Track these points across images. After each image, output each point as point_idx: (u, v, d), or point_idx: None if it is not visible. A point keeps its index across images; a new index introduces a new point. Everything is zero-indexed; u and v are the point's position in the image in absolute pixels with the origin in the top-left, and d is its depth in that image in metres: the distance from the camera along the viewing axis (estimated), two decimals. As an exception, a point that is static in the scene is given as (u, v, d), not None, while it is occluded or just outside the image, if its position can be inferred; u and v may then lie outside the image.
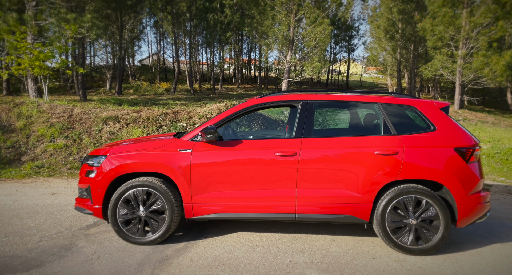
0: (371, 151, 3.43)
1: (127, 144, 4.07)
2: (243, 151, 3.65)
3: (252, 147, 3.67)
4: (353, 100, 3.71)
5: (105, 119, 9.51)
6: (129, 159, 3.73)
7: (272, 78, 38.14)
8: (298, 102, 3.79)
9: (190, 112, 9.43)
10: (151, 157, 3.71)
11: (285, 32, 15.47)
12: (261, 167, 3.61)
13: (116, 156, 3.77)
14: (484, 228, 4.25)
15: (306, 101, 3.76)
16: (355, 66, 56.95)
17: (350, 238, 3.89)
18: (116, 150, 3.85)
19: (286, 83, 16.16)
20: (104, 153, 3.86)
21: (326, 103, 3.78)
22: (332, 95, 3.81)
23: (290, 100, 3.83)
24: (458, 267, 3.18)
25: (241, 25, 29.20)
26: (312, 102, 3.75)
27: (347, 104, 3.75)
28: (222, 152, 3.68)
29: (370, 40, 31.48)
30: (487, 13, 16.23)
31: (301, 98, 3.79)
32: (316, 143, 3.56)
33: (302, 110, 3.74)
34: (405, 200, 3.38)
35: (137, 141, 4.16)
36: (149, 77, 35.98)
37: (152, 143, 3.89)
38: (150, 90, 27.53)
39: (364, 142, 3.48)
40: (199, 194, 3.70)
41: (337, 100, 3.74)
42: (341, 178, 3.47)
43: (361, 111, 3.74)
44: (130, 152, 3.79)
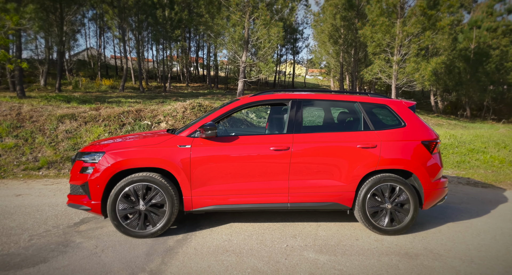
0: (354, 145, 3.94)
1: (121, 141, 4.11)
2: (240, 146, 3.94)
3: (248, 143, 3.96)
4: (337, 99, 4.20)
5: (60, 117, 9.01)
6: (128, 155, 3.80)
7: (222, 78, 38.24)
8: (288, 101, 4.17)
9: (154, 110, 9.33)
10: (151, 152, 3.83)
11: (241, 32, 15.83)
12: (257, 161, 3.92)
13: (115, 152, 3.81)
14: (438, 211, 5.04)
15: (296, 99, 4.16)
16: (299, 68, 59.34)
17: (332, 224, 4.38)
18: (114, 147, 3.88)
19: (242, 82, 16.51)
20: (100, 150, 3.87)
21: (313, 101, 4.22)
22: (318, 94, 4.26)
23: (281, 98, 4.20)
24: (426, 242, 3.83)
25: (189, 22, 28.90)
26: (301, 101, 4.16)
27: (331, 102, 4.23)
28: (220, 147, 3.92)
29: (314, 44, 33.18)
30: (416, 24, 18.22)
31: (291, 97, 4.18)
32: (306, 138, 3.98)
33: (292, 108, 4.13)
34: (382, 187, 3.95)
35: (130, 138, 4.21)
36: (88, 73, 33.88)
37: (149, 139, 3.99)
38: (92, 87, 26.01)
39: (348, 137, 3.98)
40: (198, 187, 3.90)
41: (323, 99, 4.20)
42: (328, 169, 3.93)
43: (342, 109, 4.25)
44: (128, 148, 3.85)
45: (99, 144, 4.08)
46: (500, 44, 27.45)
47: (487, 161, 8.23)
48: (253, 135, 4.15)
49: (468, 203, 5.47)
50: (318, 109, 4.35)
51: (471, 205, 5.37)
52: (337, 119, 4.28)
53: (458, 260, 3.40)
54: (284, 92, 4.39)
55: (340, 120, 4.24)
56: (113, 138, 4.50)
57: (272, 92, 4.33)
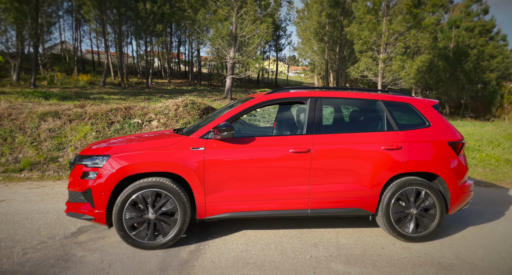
0: (378, 146, 3.72)
1: (125, 143, 3.72)
2: (257, 148, 3.64)
3: (265, 144, 3.67)
4: (358, 97, 3.96)
5: (42, 115, 8.39)
6: (137, 158, 3.43)
7: (204, 74, 37.59)
8: (307, 99, 3.91)
9: (144, 107, 8.86)
10: (162, 156, 3.47)
11: (229, 28, 15.42)
12: (275, 164, 3.64)
13: (122, 156, 3.43)
14: (453, 214, 4.92)
15: (315, 97, 3.90)
16: (281, 65, 59.29)
17: (351, 230, 4.16)
18: (120, 150, 3.50)
19: (230, 79, 16.10)
20: (104, 153, 3.48)
21: (333, 99, 3.96)
22: (338, 92, 4.01)
23: (299, 96, 3.93)
24: (455, 250, 3.65)
25: (171, 17, 28.12)
26: (320, 99, 3.90)
27: (352, 101, 3.99)
28: (236, 150, 3.62)
29: (297, 41, 33.13)
30: (402, 22, 18.38)
31: (310, 95, 3.92)
32: (327, 139, 3.73)
33: (311, 106, 3.86)
34: (407, 191, 3.75)
35: (135, 140, 3.83)
36: (64, 68, 32.46)
37: (158, 141, 3.63)
38: (69, 83, 24.90)
39: (371, 138, 3.76)
40: (213, 193, 3.58)
41: (344, 97, 3.96)
42: (351, 173, 3.70)
43: (364, 108, 4.02)
44: (136, 151, 3.48)
45: (102, 146, 3.68)
46: (477, 43, 28.29)
47: (484, 159, 8.29)
48: (270, 136, 3.87)
49: (478, 204, 5.40)
50: (338, 107, 4.10)
51: (482, 206, 5.30)
52: (358, 119, 4.05)
53: (496, 271, 3.24)
54: (302, 89, 4.12)
55: (362, 120, 4.02)
56: (114, 139, 4.09)
57: (288, 90, 4.05)
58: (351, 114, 4.14)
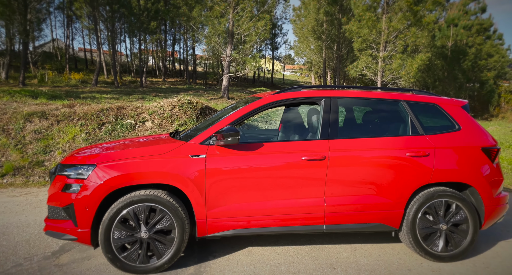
0: (403, 153, 3.28)
1: (114, 149, 3.24)
2: (265, 156, 3.18)
3: (275, 151, 3.21)
4: (378, 97, 3.51)
5: (28, 116, 7.84)
6: (128, 168, 2.95)
7: (200, 73, 37.01)
8: (321, 99, 3.45)
9: (137, 107, 8.34)
10: (156, 165, 3.00)
11: (225, 24, 14.91)
12: (286, 173, 3.19)
13: (110, 165, 2.95)
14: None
15: (330, 97, 3.44)
16: (277, 64, 58.83)
17: (369, 247, 3.71)
18: (107, 158, 3.01)
19: (227, 78, 15.60)
20: (90, 162, 2.99)
21: (350, 99, 3.51)
22: (356, 91, 3.56)
23: (312, 96, 3.47)
24: (493, 272, 3.17)
25: (166, 14, 27.51)
26: (336, 99, 3.45)
27: (371, 101, 3.54)
28: (241, 157, 3.15)
29: (294, 39, 32.72)
30: (402, 19, 18.01)
31: (324, 94, 3.46)
32: (344, 145, 3.27)
33: (325, 107, 3.41)
34: (435, 204, 3.31)
35: (127, 146, 3.35)
36: (55, 66, 31.69)
37: (152, 148, 3.15)
38: (60, 81, 24.21)
39: (395, 143, 3.31)
40: (216, 207, 3.12)
41: (361, 97, 3.51)
42: (373, 183, 3.25)
43: (385, 109, 3.57)
44: (127, 159, 3.00)
45: (87, 154, 3.19)
46: (475, 42, 28.09)
47: (495, 162, 7.89)
48: (279, 141, 3.41)
49: (500, 212, 4.97)
50: (356, 108, 3.64)
51: (507, 215, 4.88)
52: (378, 121, 3.60)
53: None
54: (314, 88, 3.67)
55: (383, 123, 3.57)
56: (102, 145, 3.60)
57: (299, 89, 3.58)
58: (370, 116, 3.68)
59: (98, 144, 3.67)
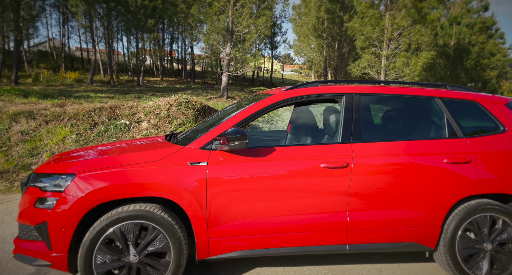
0: (439, 159, 2.78)
1: (98, 155, 2.73)
2: (277, 163, 2.68)
3: (288, 157, 2.71)
4: (409, 93, 3.02)
5: (14, 116, 7.32)
6: (114, 179, 2.44)
7: (198, 72, 36.48)
8: (341, 96, 2.95)
9: (132, 107, 7.83)
10: (148, 174, 2.49)
11: (225, 21, 14.40)
12: (302, 183, 2.69)
13: (92, 174, 2.44)
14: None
15: (352, 94, 2.95)
16: (275, 63, 58.34)
17: (396, 267, 3.20)
18: (90, 166, 2.51)
19: (226, 76, 15.08)
20: (68, 171, 2.49)
21: (376, 96, 3.01)
22: (382, 87, 3.06)
23: (331, 93, 2.97)
24: None
25: (163, 12, 26.98)
26: (359, 96, 2.96)
27: (400, 98, 3.04)
28: (250, 165, 2.65)
29: (294, 38, 32.23)
30: (407, 16, 17.56)
31: (346, 91, 2.96)
32: (370, 150, 2.78)
33: (347, 105, 2.91)
34: (478, 220, 2.81)
35: (114, 151, 2.84)
36: (51, 65, 31.11)
37: (144, 153, 2.64)
38: (56, 80, 23.67)
39: (429, 147, 2.82)
40: (219, 224, 2.62)
41: (389, 93, 3.01)
42: (404, 195, 2.76)
43: (416, 107, 3.07)
44: (113, 167, 2.49)
45: (66, 161, 2.68)
46: (478, 41, 27.66)
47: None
48: (293, 145, 2.90)
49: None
50: (381, 106, 3.14)
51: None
52: (409, 122, 3.10)
53: None
54: (334, 84, 3.18)
55: (414, 123, 3.07)
56: (86, 149, 3.09)
57: (317, 84, 3.08)
58: (399, 116, 3.18)
59: (81, 148, 3.16)
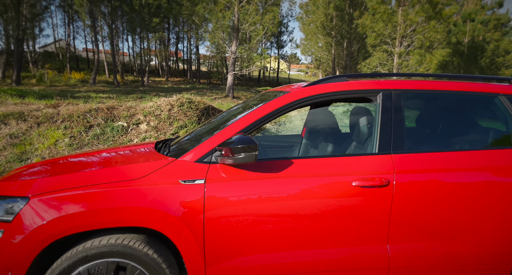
0: (509, 175, 2.13)
1: (64, 171, 2.13)
2: (297, 181, 2.05)
3: (311, 173, 2.08)
4: (464, 89, 2.36)
5: (4, 117, 6.80)
6: (82, 202, 1.84)
7: (203, 72, 36.02)
8: (377, 93, 2.31)
9: (131, 107, 7.26)
10: (127, 196, 1.89)
11: (230, 18, 13.82)
12: (329, 207, 2.06)
13: (52, 197, 1.84)
14: None
15: (391, 91, 2.30)
16: (281, 63, 57.71)
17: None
18: (50, 185, 1.91)
19: (232, 76, 14.49)
20: (21, 193, 1.89)
21: (420, 94, 2.36)
22: (427, 82, 2.40)
23: (364, 89, 2.33)
24: None
25: (169, 12, 26.52)
26: (400, 93, 2.31)
27: (453, 96, 2.38)
28: (261, 183, 2.03)
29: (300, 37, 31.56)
30: (421, 12, 16.81)
31: (382, 86, 2.32)
32: (418, 163, 2.13)
33: (385, 105, 2.27)
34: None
35: (85, 165, 2.24)
36: (56, 66, 30.88)
37: (122, 169, 2.03)
38: (60, 81, 23.38)
39: (494, 159, 2.16)
40: (221, 261, 2.00)
41: (438, 90, 2.35)
42: (464, 223, 2.10)
43: (474, 107, 2.42)
44: (81, 187, 1.89)
45: (23, 178, 2.08)
46: (492, 38, 26.71)
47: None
48: (315, 157, 2.26)
49: None
50: (427, 106, 2.48)
51: None
52: (465, 126, 2.45)
53: None
54: (366, 78, 2.54)
55: (472, 128, 2.42)
56: (52, 162, 2.49)
57: (345, 79, 2.43)
58: (449, 119, 2.51)
59: (48, 160, 2.54)
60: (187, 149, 2.18)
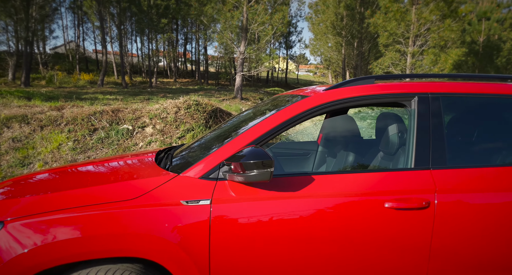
0: None
1: (46, 189, 1.85)
2: (319, 201, 1.74)
3: (335, 192, 1.76)
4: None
5: (6, 120, 6.61)
6: (63, 229, 1.55)
7: (212, 73, 35.88)
8: (411, 97, 1.97)
9: (136, 110, 7.01)
10: (119, 221, 1.60)
11: (239, 17, 13.55)
12: (356, 234, 1.74)
13: (31, 222, 1.56)
14: None
15: (428, 95, 1.97)
16: (291, 64, 57.36)
17: None
18: (29, 206, 1.63)
19: (240, 77, 14.21)
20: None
21: (465, 99, 2.02)
22: (473, 84, 2.06)
23: (396, 93, 2.00)
24: None
25: (177, 13, 26.41)
26: (439, 97, 1.97)
27: (499, 100, 2.03)
28: (277, 205, 1.72)
29: (310, 37, 31.20)
30: (435, 10, 16.31)
31: (418, 90, 1.99)
32: (465, 180, 1.79)
33: (422, 112, 1.93)
34: None
35: (74, 180, 1.95)
36: (66, 67, 31.03)
37: (114, 187, 1.74)
38: (69, 82, 23.41)
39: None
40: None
41: (483, 93, 2.01)
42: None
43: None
44: (64, 211, 1.60)
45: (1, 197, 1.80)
46: (509, 37, 25.94)
47: None
48: (337, 173, 1.92)
49: None
50: (467, 112, 2.13)
51: None
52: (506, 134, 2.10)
53: None
54: (397, 79, 2.21)
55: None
56: (35, 177, 2.21)
57: (372, 81, 2.09)
58: (501, 128, 2.15)
59: (26, 175, 2.24)
60: (190, 162, 1.88)
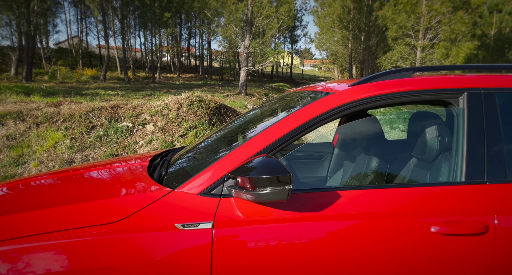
0: None
1: (13, 203, 1.51)
2: (347, 224, 1.39)
3: (366, 212, 1.41)
4: None
5: (0, 117, 6.32)
6: (33, 260, 1.22)
7: (216, 68, 35.48)
8: (459, 93, 1.61)
9: (136, 106, 6.69)
10: (97, 251, 1.26)
11: (243, 11, 13.13)
12: (395, 263, 1.39)
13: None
14: None
15: (480, 90, 1.60)
16: (296, 59, 56.76)
17: None
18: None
19: (244, 72, 13.82)
20: None
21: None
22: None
23: (440, 88, 1.63)
24: None
25: (180, 6, 25.98)
26: (494, 94, 1.61)
27: None
28: (293, 228, 1.38)
29: (316, 31, 30.57)
30: (447, 2, 15.75)
31: (467, 84, 1.62)
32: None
33: (473, 111, 1.57)
34: None
35: (48, 195, 1.62)
36: (69, 62, 30.82)
37: (94, 205, 1.41)
38: (72, 77, 23.19)
39: None
40: None
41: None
42: None
43: None
44: (29, 238, 1.26)
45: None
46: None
47: None
48: (367, 188, 1.56)
49: None
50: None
51: None
52: None
53: None
54: (438, 71, 1.85)
55: None
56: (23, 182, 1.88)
57: (410, 74, 1.71)
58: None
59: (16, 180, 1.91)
60: (188, 174, 1.53)
